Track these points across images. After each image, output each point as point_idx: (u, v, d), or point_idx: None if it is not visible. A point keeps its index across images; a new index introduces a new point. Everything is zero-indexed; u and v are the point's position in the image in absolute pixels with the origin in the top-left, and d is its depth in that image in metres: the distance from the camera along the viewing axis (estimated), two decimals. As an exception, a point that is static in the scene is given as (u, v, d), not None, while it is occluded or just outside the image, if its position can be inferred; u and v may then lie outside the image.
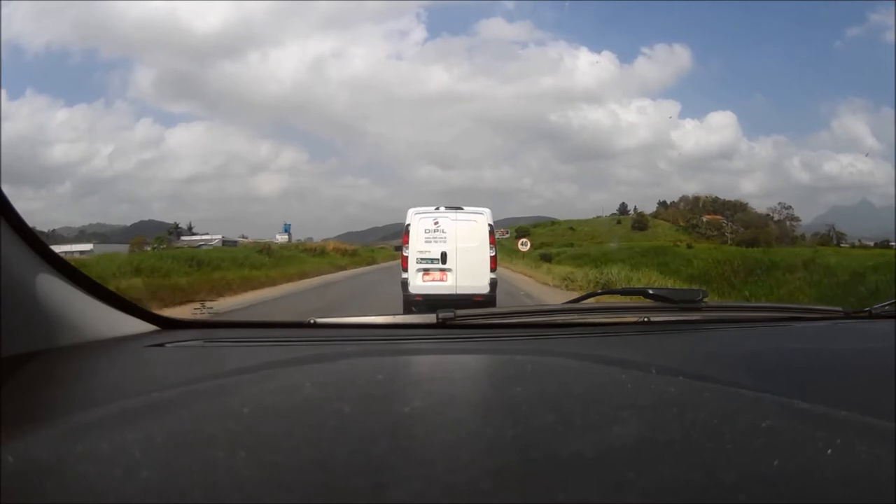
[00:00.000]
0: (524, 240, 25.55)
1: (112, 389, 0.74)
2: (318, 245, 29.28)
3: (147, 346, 0.96)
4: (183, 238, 21.10)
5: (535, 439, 0.41)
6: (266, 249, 21.62)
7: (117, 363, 0.89)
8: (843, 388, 0.72)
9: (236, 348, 1.02)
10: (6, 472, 0.37)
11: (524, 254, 25.63)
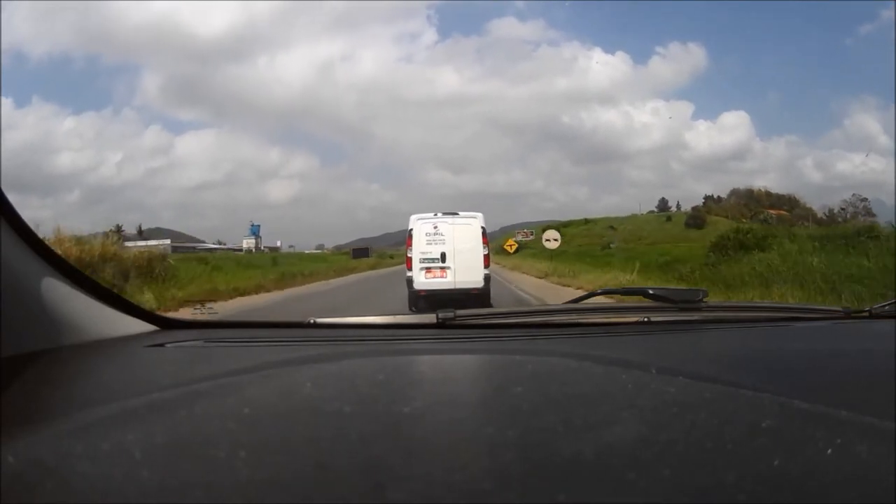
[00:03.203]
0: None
1: (112, 389, 0.74)
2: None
3: (147, 346, 0.96)
4: (126, 243, 16.18)
5: (536, 439, 0.41)
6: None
7: (117, 363, 0.89)
8: (843, 388, 0.72)
9: (236, 348, 1.02)
10: (6, 472, 0.37)
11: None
